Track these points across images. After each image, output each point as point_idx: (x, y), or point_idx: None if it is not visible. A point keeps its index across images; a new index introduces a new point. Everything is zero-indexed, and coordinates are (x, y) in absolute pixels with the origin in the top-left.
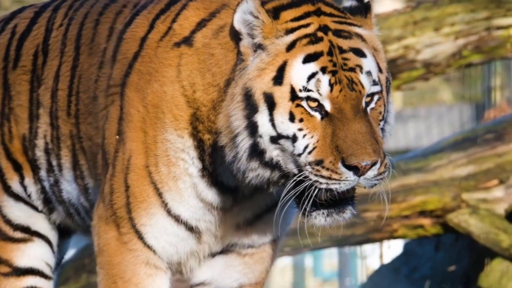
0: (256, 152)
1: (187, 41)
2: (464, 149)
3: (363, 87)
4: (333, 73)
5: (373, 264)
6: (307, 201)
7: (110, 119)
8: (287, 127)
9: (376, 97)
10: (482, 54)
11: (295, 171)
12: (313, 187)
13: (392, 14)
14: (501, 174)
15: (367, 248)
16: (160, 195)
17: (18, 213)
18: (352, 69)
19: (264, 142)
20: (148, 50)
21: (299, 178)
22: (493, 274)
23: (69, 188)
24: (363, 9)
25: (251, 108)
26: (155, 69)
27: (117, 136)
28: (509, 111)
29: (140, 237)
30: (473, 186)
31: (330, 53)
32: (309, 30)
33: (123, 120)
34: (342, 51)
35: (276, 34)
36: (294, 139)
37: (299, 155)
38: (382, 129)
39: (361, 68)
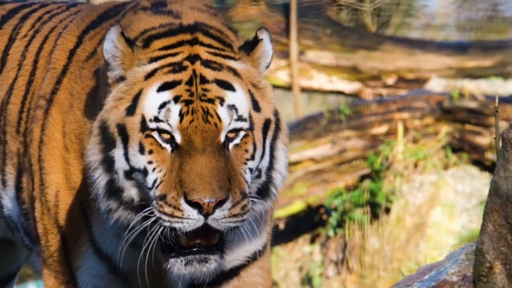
0: (112, 190)
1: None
2: None
3: (220, 120)
4: (187, 102)
5: None
6: (153, 240)
7: (33, 141)
8: (137, 160)
9: (241, 134)
10: None
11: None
12: (159, 225)
13: None
14: None
15: None
16: (89, 228)
17: None
18: (210, 100)
19: (120, 178)
20: (75, 67)
21: (143, 214)
22: None
23: (10, 206)
24: (250, 45)
25: (107, 142)
26: (78, 94)
27: (38, 164)
28: None
29: (75, 284)
30: None
31: (189, 82)
32: (176, 59)
33: (44, 144)
34: (204, 81)
35: (138, 63)
36: (145, 172)
37: (150, 189)
38: (256, 170)
39: (222, 100)
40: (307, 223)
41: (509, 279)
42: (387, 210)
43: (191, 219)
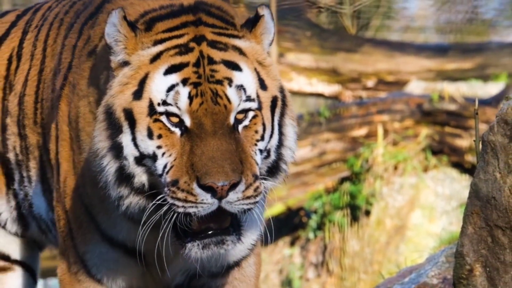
0: (123, 176)
1: (95, 49)
2: None
3: (229, 101)
4: (196, 85)
5: None
6: (168, 228)
7: (52, 137)
8: (146, 145)
9: (250, 114)
10: None
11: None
12: (172, 212)
13: None
14: None
15: None
16: (92, 218)
17: None
18: (219, 82)
19: (130, 165)
20: (76, 59)
21: (157, 202)
22: None
23: (38, 202)
24: (252, 22)
25: (113, 128)
26: (77, 80)
27: (57, 157)
28: None
29: (84, 266)
30: None
31: (197, 64)
32: (181, 40)
33: (59, 138)
34: (212, 62)
35: (142, 47)
36: (154, 157)
37: (160, 175)
38: (265, 151)
39: (230, 81)
40: (287, 225)
41: (489, 281)
42: (367, 213)
43: (205, 203)
